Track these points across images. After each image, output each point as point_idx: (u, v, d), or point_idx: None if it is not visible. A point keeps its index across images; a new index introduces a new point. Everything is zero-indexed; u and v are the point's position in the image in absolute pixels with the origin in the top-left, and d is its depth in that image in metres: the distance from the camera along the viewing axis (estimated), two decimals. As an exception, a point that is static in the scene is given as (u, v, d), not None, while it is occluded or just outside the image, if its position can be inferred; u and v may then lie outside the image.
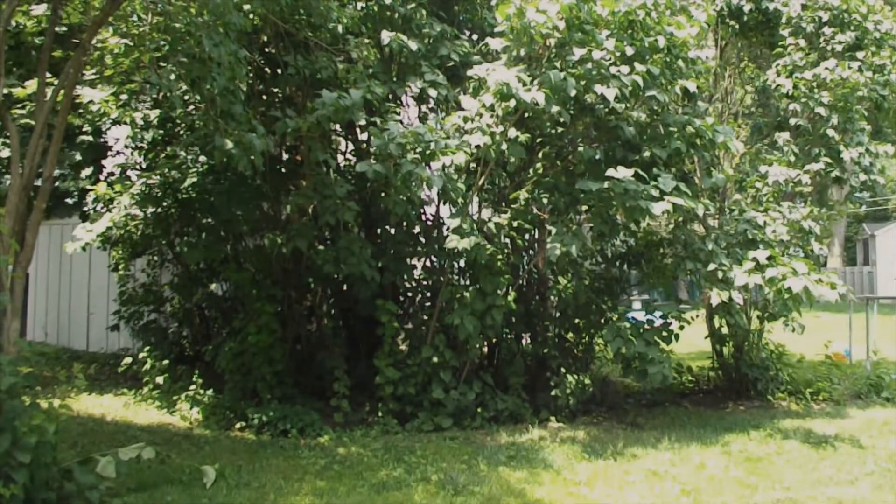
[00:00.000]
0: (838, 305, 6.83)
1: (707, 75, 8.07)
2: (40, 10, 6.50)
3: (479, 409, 7.45)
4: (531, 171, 7.97)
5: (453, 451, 6.40)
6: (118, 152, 9.51)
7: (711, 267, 7.07)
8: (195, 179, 8.02)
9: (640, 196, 6.35)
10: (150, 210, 8.43)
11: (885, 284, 26.28)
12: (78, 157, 9.67)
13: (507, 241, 7.84)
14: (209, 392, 7.78)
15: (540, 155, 7.99)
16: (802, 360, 9.58)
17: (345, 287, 8.41)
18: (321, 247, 7.73)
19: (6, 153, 8.26)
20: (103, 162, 9.80)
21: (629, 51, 6.77)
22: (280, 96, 8.12)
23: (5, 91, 5.90)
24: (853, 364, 10.79)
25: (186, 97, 6.99)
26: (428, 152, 6.67)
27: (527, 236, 8.12)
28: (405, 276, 8.23)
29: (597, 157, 7.11)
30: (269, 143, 6.52)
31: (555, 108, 6.71)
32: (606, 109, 6.97)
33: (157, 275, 9.87)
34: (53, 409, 4.61)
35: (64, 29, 6.88)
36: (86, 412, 7.78)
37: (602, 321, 8.16)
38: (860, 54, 8.69)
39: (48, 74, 5.85)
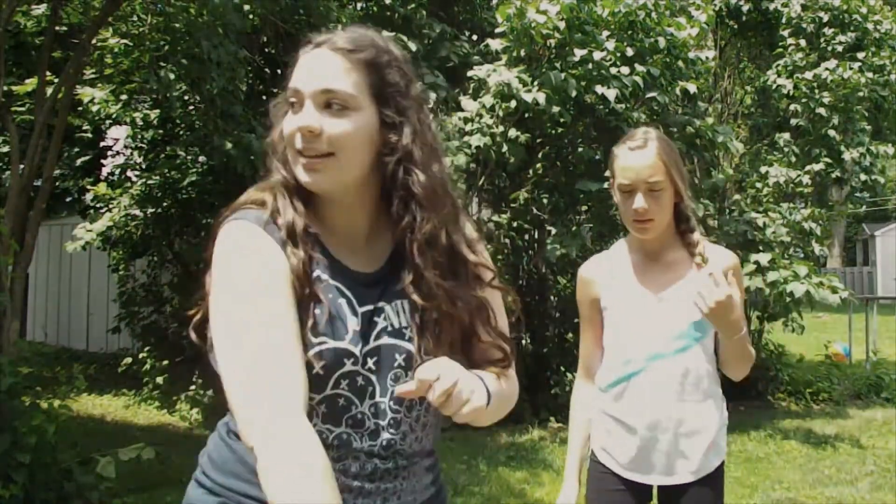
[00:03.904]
0: (838, 306, 6.83)
1: (707, 76, 8.07)
2: (40, 10, 6.51)
3: (478, 410, 7.44)
4: (531, 171, 7.97)
5: (453, 451, 6.39)
6: (118, 152, 9.51)
7: (712, 267, 7.05)
8: (195, 179, 8.00)
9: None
10: (150, 210, 8.43)
11: (884, 284, 26.27)
12: (78, 154, 9.68)
13: (507, 241, 7.84)
14: (209, 392, 7.75)
15: (540, 155, 7.98)
16: (802, 361, 9.58)
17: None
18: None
19: (5, 149, 8.26)
20: (103, 161, 9.81)
21: (629, 51, 6.77)
22: (280, 96, 8.11)
23: (5, 89, 5.89)
24: (853, 364, 10.78)
25: (186, 97, 6.99)
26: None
27: (526, 236, 8.11)
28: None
29: (597, 157, 7.11)
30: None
31: (555, 109, 6.71)
32: (607, 110, 6.97)
33: (157, 275, 9.86)
34: (53, 409, 4.61)
35: (64, 29, 6.88)
36: (86, 412, 7.78)
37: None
38: (860, 55, 8.69)
39: (48, 74, 5.85)
